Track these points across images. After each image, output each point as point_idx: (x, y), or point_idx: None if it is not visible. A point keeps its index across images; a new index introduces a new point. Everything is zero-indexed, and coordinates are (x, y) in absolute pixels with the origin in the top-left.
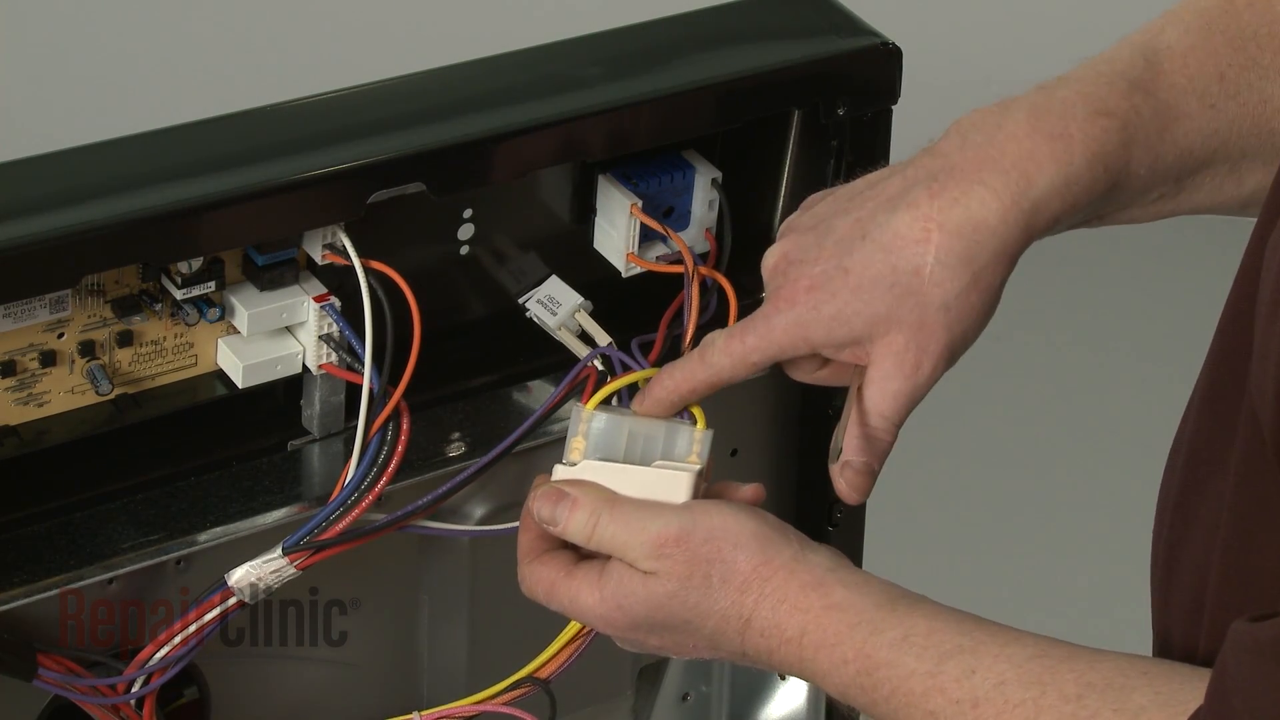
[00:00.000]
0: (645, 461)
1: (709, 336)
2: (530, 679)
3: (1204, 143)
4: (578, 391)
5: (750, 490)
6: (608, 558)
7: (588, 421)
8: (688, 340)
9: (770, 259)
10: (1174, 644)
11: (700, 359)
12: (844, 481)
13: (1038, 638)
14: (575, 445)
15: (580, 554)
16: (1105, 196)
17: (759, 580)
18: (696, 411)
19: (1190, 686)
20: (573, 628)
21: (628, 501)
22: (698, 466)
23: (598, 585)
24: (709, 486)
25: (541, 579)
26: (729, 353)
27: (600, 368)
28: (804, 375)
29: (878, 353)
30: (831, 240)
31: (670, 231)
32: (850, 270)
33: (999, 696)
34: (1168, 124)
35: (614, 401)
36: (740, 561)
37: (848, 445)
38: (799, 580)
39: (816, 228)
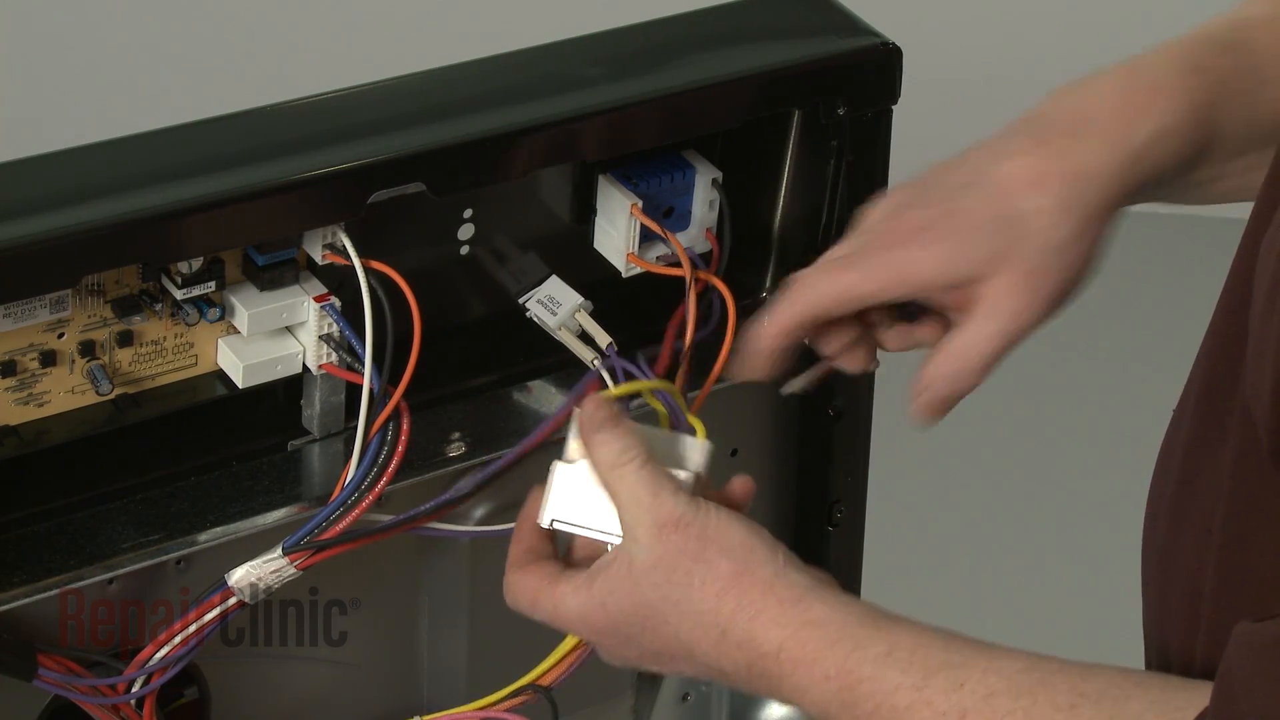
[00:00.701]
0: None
1: (792, 278)
2: (532, 686)
3: None
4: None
5: (738, 483)
6: (591, 570)
7: None
8: (687, 348)
9: (875, 208)
10: (1171, 651)
11: (795, 299)
12: (921, 403)
13: (1028, 653)
14: (575, 446)
15: (564, 566)
16: (1201, 154)
17: (737, 590)
18: (695, 423)
19: (1186, 694)
20: (571, 638)
21: (658, 465)
22: (699, 470)
23: (585, 588)
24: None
25: (526, 587)
26: (827, 286)
27: (607, 377)
28: (878, 334)
29: (986, 293)
30: (941, 189)
31: (670, 235)
32: (960, 212)
33: (987, 708)
34: (1260, 84)
35: None
36: (722, 566)
37: (936, 373)
38: (777, 595)
39: (925, 180)
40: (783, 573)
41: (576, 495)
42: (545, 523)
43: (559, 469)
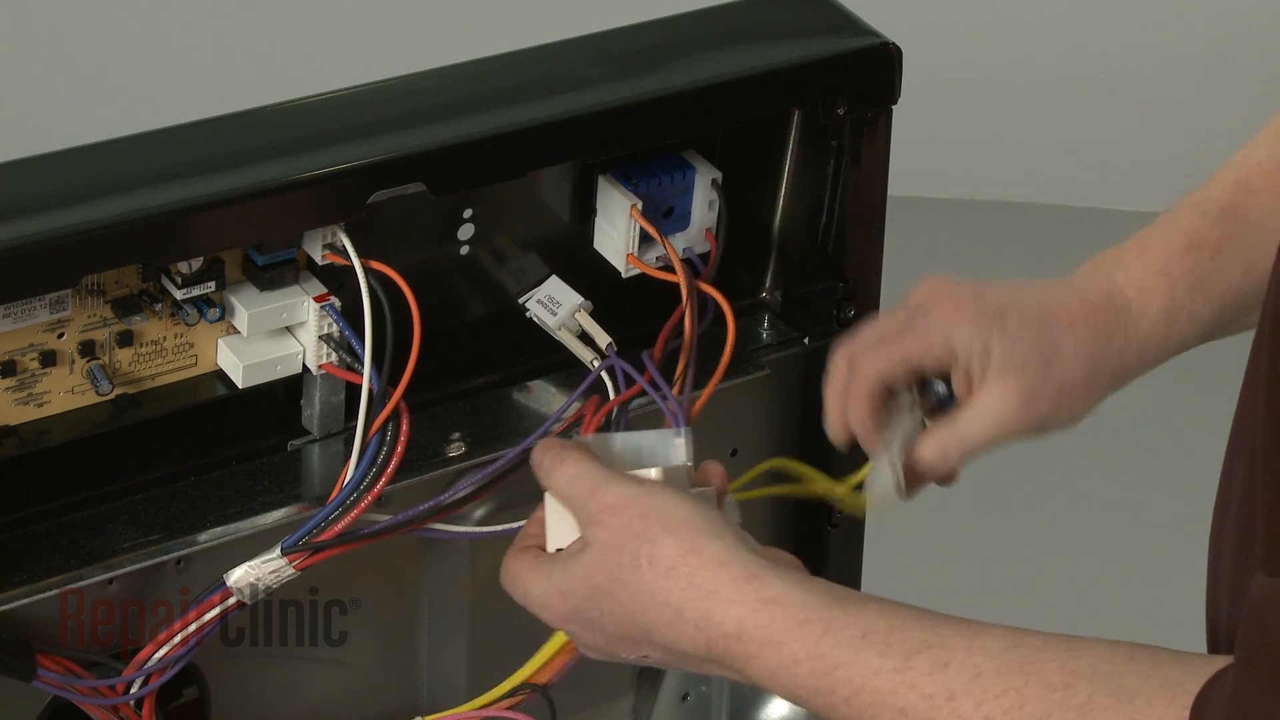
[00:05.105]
0: (637, 466)
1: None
2: (529, 685)
3: None
4: (587, 394)
5: (711, 466)
6: (554, 559)
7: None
8: (684, 351)
9: (924, 285)
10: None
11: (862, 379)
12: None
13: (1007, 629)
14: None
15: (542, 554)
16: (1217, 315)
17: (686, 569)
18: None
19: (1182, 668)
20: (562, 634)
21: (602, 466)
22: (681, 463)
23: (546, 576)
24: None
25: (509, 569)
26: (883, 360)
27: (607, 379)
28: None
29: (989, 387)
30: (991, 289)
31: (666, 243)
32: (1009, 312)
33: (977, 688)
34: (1259, 244)
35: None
36: (667, 545)
37: (935, 450)
38: (729, 573)
39: (974, 282)
40: (732, 550)
41: (567, 518)
42: (551, 550)
43: (548, 500)
